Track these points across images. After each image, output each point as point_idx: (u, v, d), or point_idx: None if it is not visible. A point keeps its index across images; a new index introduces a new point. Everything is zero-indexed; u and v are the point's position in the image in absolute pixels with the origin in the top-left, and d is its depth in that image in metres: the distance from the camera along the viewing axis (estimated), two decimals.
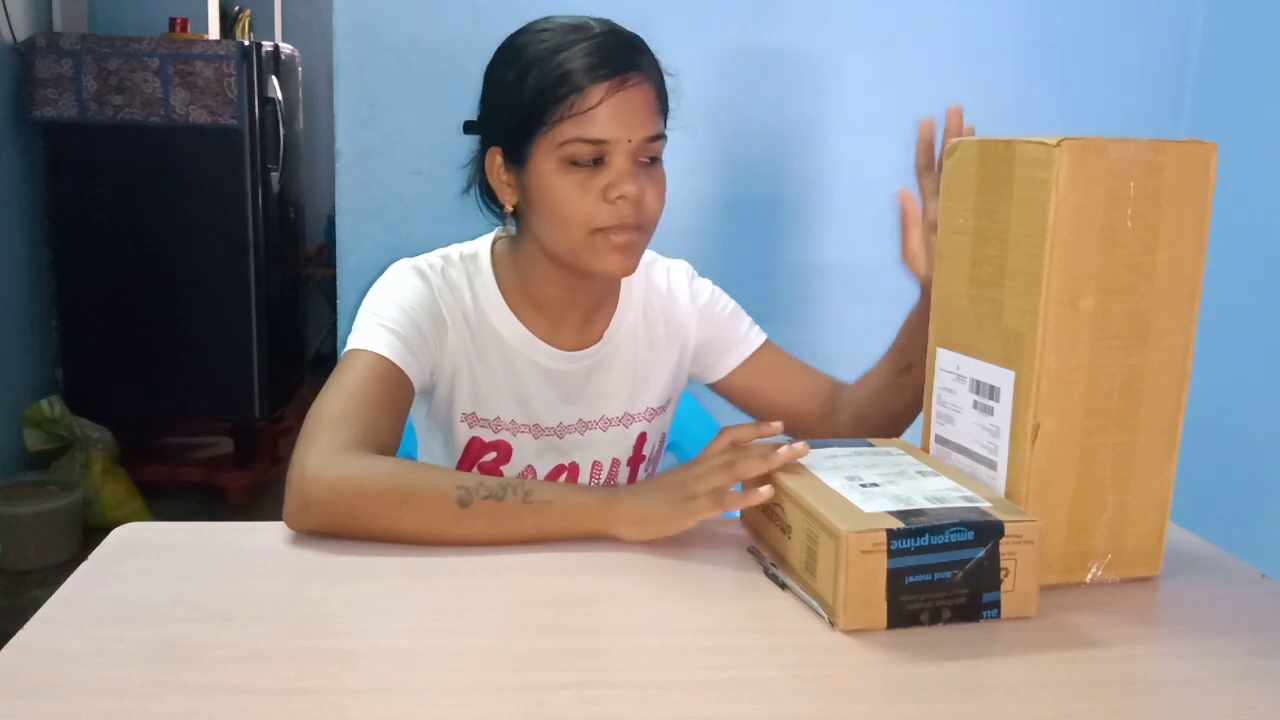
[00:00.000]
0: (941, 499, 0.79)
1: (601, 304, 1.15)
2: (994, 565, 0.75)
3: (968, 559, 0.75)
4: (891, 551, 0.73)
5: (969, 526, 0.74)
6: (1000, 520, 0.75)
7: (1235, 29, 1.89)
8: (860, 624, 0.74)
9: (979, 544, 0.75)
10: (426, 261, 1.09)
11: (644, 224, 1.02)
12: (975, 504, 0.78)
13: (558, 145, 0.98)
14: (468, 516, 0.85)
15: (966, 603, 0.75)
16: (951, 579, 0.75)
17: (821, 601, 0.76)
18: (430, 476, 0.88)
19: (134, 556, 0.84)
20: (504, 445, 1.12)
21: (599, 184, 0.99)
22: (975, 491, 0.81)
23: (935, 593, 0.75)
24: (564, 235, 1.01)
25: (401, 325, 1.02)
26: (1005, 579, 0.76)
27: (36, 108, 2.94)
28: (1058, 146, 0.76)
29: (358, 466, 0.87)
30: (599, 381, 1.15)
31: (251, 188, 3.10)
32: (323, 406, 0.93)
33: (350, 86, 1.82)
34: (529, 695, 0.65)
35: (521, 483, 0.87)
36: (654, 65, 1.03)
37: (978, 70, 1.93)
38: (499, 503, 0.85)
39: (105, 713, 0.62)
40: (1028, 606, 0.77)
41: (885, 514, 0.76)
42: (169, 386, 3.17)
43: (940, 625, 0.75)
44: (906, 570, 0.74)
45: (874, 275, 1.98)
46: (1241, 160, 1.28)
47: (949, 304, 0.90)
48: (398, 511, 0.85)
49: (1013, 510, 0.78)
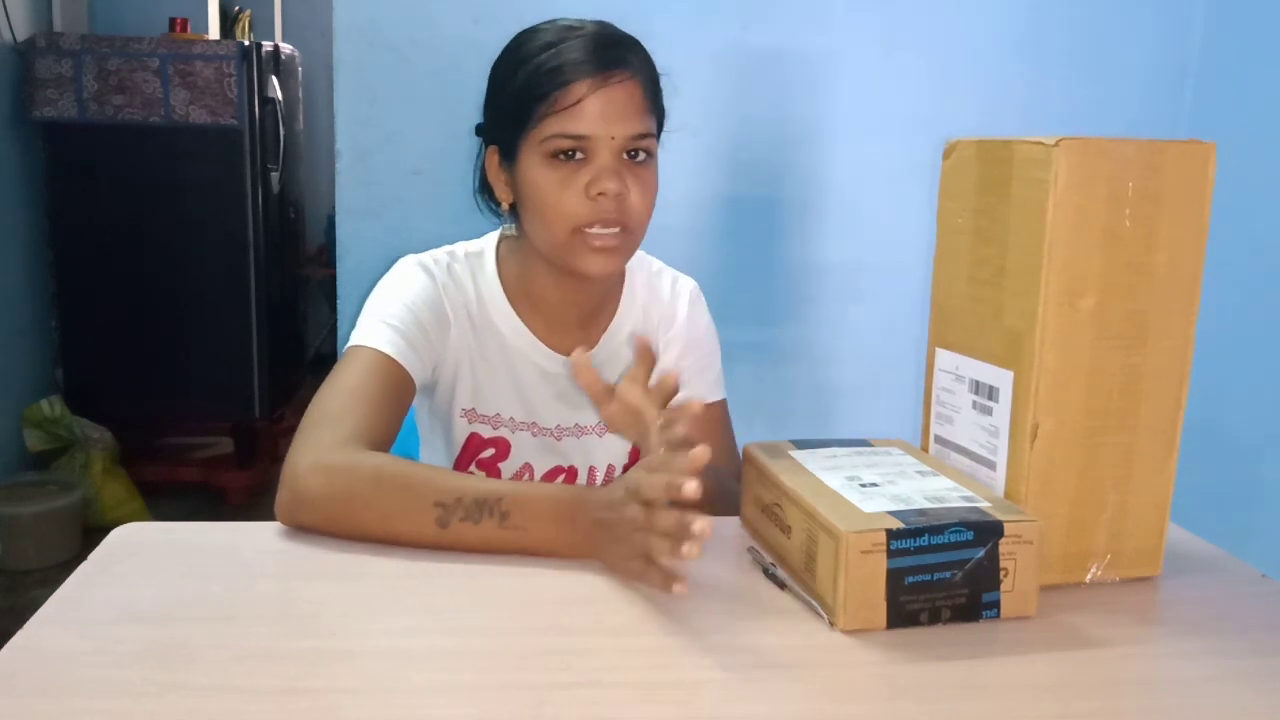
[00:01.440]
0: (941, 499, 0.79)
1: (601, 308, 1.14)
2: (994, 565, 0.75)
3: (967, 559, 0.75)
4: (891, 551, 0.73)
5: (969, 526, 0.74)
6: (1000, 520, 0.75)
7: (1235, 29, 1.89)
8: (860, 624, 0.74)
9: (978, 544, 0.75)
10: (432, 257, 1.10)
11: (627, 223, 1.00)
12: (975, 504, 0.78)
13: (542, 140, 0.99)
14: (447, 540, 0.84)
15: (966, 603, 0.75)
16: (951, 579, 0.75)
17: (821, 602, 0.76)
18: (414, 488, 0.85)
19: (134, 556, 0.84)
20: (503, 442, 1.12)
21: (581, 180, 0.99)
22: (975, 491, 0.81)
23: (935, 593, 0.75)
24: (547, 232, 1.01)
25: (404, 321, 1.02)
26: (1005, 579, 0.76)
27: (36, 108, 2.93)
28: (1056, 146, 0.76)
29: (348, 469, 0.87)
30: None
31: (251, 188, 3.09)
32: (320, 402, 0.94)
33: (350, 86, 1.82)
34: (529, 695, 0.65)
35: (500, 497, 0.84)
36: (645, 65, 1.03)
37: (977, 70, 1.93)
38: (475, 526, 0.83)
39: (105, 713, 0.62)
40: (1027, 606, 0.77)
41: (885, 514, 0.76)
42: (169, 386, 3.17)
43: (940, 625, 0.75)
44: (906, 570, 0.74)
45: (874, 275, 1.98)
46: (1241, 160, 1.28)
47: (948, 304, 0.90)
48: (380, 525, 0.85)
49: (1013, 510, 0.78)
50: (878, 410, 1.99)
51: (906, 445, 0.95)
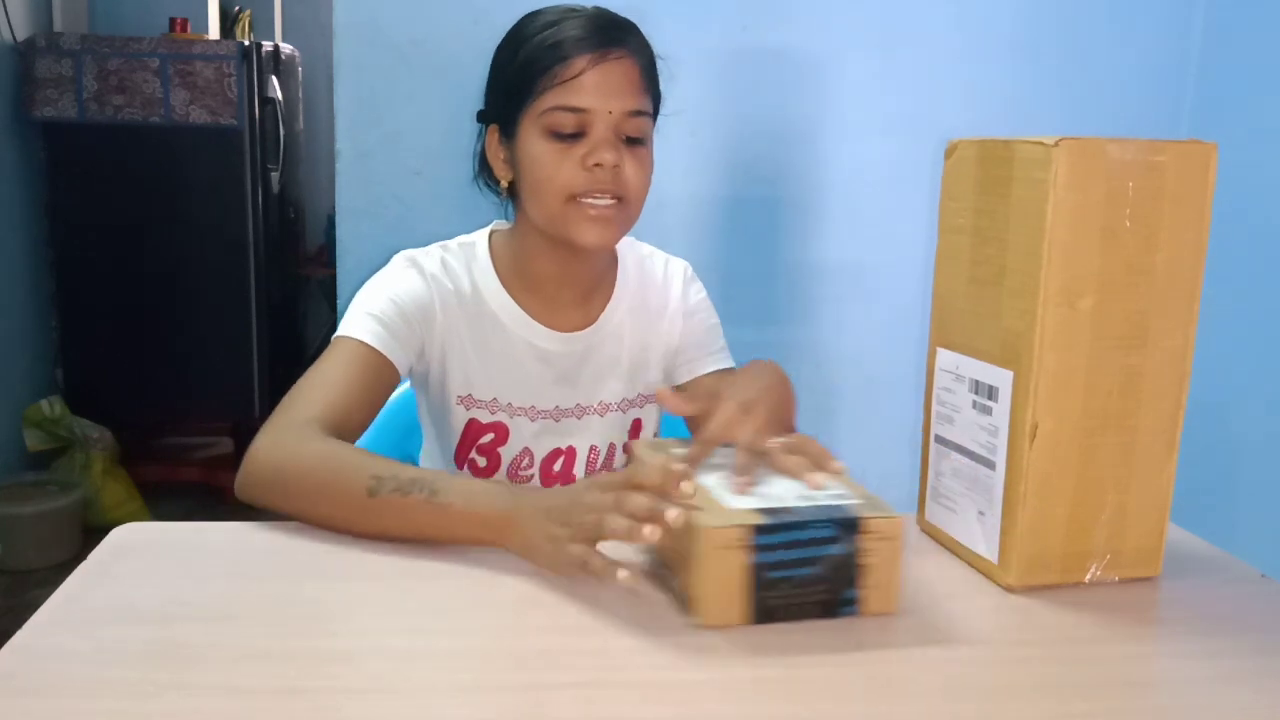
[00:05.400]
0: (812, 498, 0.78)
1: (597, 286, 1.16)
2: (853, 561, 0.75)
3: (828, 555, 0.74)
4: (752, 547, 0.73)
5: (830, 522, 0.74)
6: (858, 516, 0.75)
7: (1235, 29, 1.89)
8: (721, 619, 0.74)
9: (838, 540, 0.74)
10: (424, 251, 1.13)
11: (623, 194, 1.03)
12: (842, 501, 0.78)
13: (540, 114, 1.02)
14: (374, 509, 0.85)
15: (826, 599, 0.75)
16: (812, 575, 0.74)
17: (689, 597, 0.76)
18: (353, 462, 0.88)
19: (134, 556, 0.84)
20: (501, 427, 1.13)
21: (578, 153, 1.02)
22: (852, 491, 0.80)
23: (796, 588, 0.74)
24: (543, 203, 1.04)
25: (384, 311, 1.05)
26: (866, 576, 0.76)
27: (36, 108, 2.94)
28: (1056, 146, 0.76)
29: (295, 448, 0.90)
30: (595, 365, 1.16)
31: (251, 188, 3.10)
32: (293, 389, 0.98)
33: (350, 86, 1.82)
34: (529, 695, 0.65)
35: (436, 478, 0.85)
36: (643, 46, 1.06)
37: (977, 70, 1.93)
38: (404, 498, 0.84)
39: (105, 713, 0.62)
40: (889, 603, 0.77)
41: (751, 510, 0.75)
42: (169, 386, 3.17)
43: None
44: (768, 566, 0.73)
45: (874, 275, 1.98)
46: (1241, 160, 1.28)
47: (948, 304, 0.90)
48: (314, 496, 0.88)
49: (879, 507, 0.77)
50: (878, 410, 2.00)
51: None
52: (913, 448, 0.97)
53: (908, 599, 0.79)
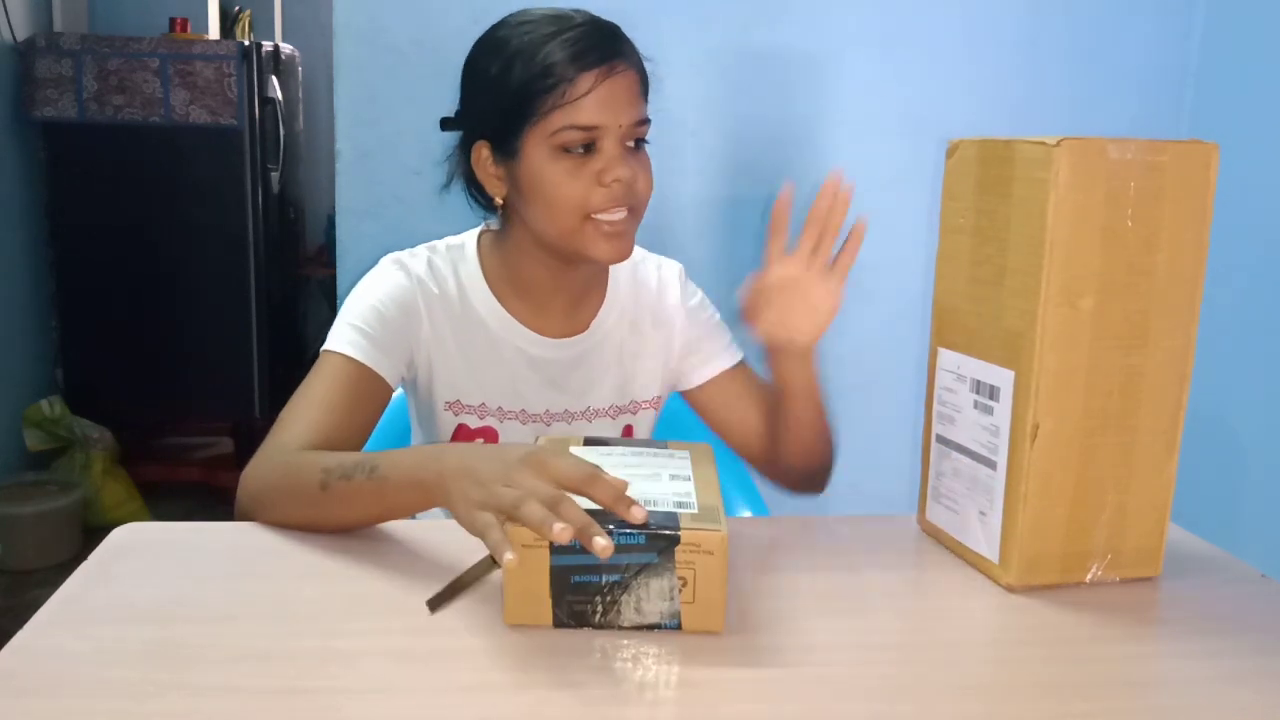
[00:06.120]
0: (657, 503, 0.75)
1: (588, 293, 1.16)
2: (668, 574, 0.72)
3: (639, 564, 0.72)
4: (554, 548, 0.71)
5: (638, 530, 0.71)
6: (676, 530, 0.71)
7: (1235, 29, 1.89)
8: (524, 619, 0.73)
9: (650, 549, 0.71)
10: (410, 253, 1.12)
11: (636, 206, 1.04)
12: (680, 511, 0.74)
13: (549, 134, 1.00)
14: (326, 500, 0.86)
15: (642, 608, 0.73)
16: (620, 582, 0.72)
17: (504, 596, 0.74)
18: (306, 462, 0.89)
19: (134, 556, 0.84)
20: (490, 431, 1.13)
21: (591, 169, 1.01)
22: (709, 501, 0.76)
23: (604, 595, 0.72)
24: (556, 222, 1.03)
25: (368, 322, 1.04)
26: (684, 590, 0.72)
27: (36, 108, 2.94)
28: (1057, 146, 0.76)
29: (276, 465, 0.92)
30: (585, 371, 1.15)
31: (251, 188, 3.09)
32: (283, 411, 0.99)
33: (350, 86, 1.82)
34: (529, 695, 0.65)
35: (375, 457, 0.85)
36: (634, 52, 1.05)
37: (978, 70, 1.94)
38: (349, 482, 0.85)
39: (105, 713, 0.62)
40: (712, 621, 0.73)
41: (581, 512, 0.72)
42: (169, 386, 3.17)
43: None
44: (571, 569, 0.72)
45: (874, 275, 1.97)
46: (1241, 160, 1.28)
47: (949, 304, 0.90)
48: (283, 504, 0.90)
49: (708, 520, 0.73)
50: (878, 410, 1.99)
51: (702, 452, 0.89)
52: (913, 448, 0.97)
53: (908, 598, 0.79)
